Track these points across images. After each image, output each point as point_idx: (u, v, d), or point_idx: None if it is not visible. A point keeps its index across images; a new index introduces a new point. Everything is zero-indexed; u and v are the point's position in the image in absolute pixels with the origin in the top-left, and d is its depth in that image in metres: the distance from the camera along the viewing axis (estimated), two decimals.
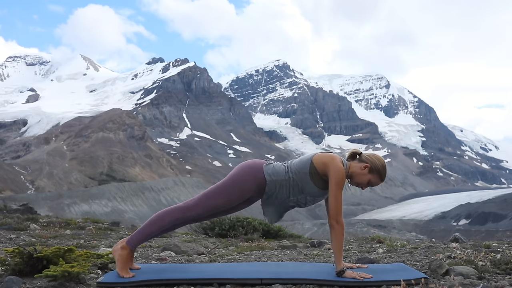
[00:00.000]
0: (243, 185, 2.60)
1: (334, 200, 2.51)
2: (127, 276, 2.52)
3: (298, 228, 69.13)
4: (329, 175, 2.54)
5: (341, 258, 2.53)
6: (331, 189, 2.52)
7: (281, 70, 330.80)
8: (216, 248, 4.98)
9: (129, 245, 2.63)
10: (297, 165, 2.62)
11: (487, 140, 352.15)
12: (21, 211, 10.89)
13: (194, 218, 2.68)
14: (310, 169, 2.58)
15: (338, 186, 2.52)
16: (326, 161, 2.55)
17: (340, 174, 2.53)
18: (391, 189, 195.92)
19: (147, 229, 2.65)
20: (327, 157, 2.57)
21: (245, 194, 2.63)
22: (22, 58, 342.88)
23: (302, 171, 2.59)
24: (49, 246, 3.44)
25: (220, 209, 2.65)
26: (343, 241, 2.56)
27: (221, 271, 2.70)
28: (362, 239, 6.36)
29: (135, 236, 2.65)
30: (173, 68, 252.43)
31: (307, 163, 2.60)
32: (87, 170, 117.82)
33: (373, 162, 2.62)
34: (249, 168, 2.65)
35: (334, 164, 2.53)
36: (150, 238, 2.80)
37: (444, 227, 78.26)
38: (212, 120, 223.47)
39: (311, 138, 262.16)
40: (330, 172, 2.53)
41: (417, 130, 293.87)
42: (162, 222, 2.65)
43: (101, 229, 7.89)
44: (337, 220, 2.52)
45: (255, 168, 2.64)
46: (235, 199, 2.62)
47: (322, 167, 2.56)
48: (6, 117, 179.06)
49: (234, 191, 2.60)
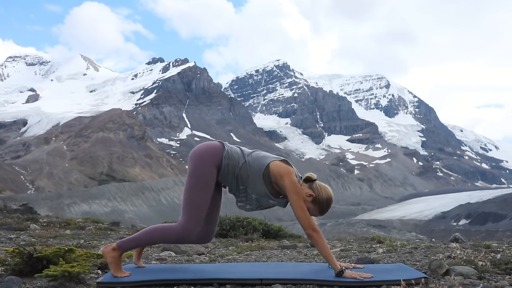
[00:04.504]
0: (206, 173, 2.60)
1: (300, 210, 2.51)
2: (122, 276, 2.53)
3: (298, 228, 69.00)
4: (285, 187, 2.54)
5: (334, 260, 2.53)
6: (293, 201, 2.53)
7: (281, 70, 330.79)
8: (216, 248, 4.98)
9: (120, 249, 2.63)
10: (253, 161, 2.62)
11: (487, 140, 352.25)
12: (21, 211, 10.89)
13: (192, 238, 2.66)
14: (264, 171, 2.58)
15: (298, 196, 2.53)
16: (283, 173, 2.55)
17: (297, 186, 2.54)
18: (391, 189, 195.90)
19: (141, 240, 2.66)
20: (285, 169, 2.56)
21: (211, 181, 2.61)
22: (22, 58, 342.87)
23: (256, 168, 2.60)
24: (49, 246, 3.44)
25: (203, 210, 2.62)
26: (327, 245, 2.56)
27: (221, 271, 2.71)
28: (362, 239, 6.37)
29: (127, 242, 2.65)
30: (173, 68, 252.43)
31: (263, 166, 2.59)
32: (87, 170, 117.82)
33: (319, 194, 2.59)
34: (205, 153, 2.63)
35: (290, 178, 2.53)
36: (141, 246, 2.81)
37: (444, 227, 78.24)
38: (212, 120, 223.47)
39: (311, 138, 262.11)
40: (286, 184, 2.53)
41: (417, 130, 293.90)
42: (155, 239, 2.66)
43: (101, 229, 7.90)
44: (312, 228, 2.52)
45: (211, 152, 2.63)
46: (207, 191, 2.61)
47: (276, 176, 2.57)
48: (6, 117, 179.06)
49: (202, 185, 2.59)
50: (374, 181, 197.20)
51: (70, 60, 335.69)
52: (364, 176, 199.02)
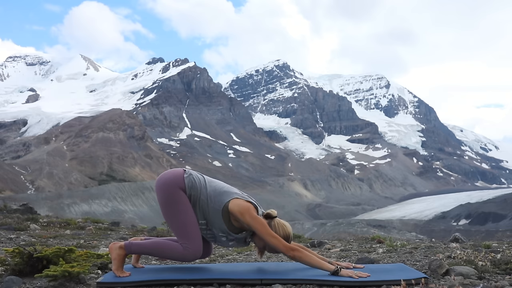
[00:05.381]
0: (177, 199, 2.63)
1: (272, 237, 2.54)
2: (122, 275, 2.56)
3: (298, 228, 69.15)
4: (249, 224, 2.57)
5: (326, 264, 2.56)
6: (262, 232, 2.55)
7: (281, 70, 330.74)
8: (216, 248, 4.97)
9: (127, 250, 2.67)
10: (215, 195, 2.65)
11: (487, 140, 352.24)
12: (21, 211, 10.88)
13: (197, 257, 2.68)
14: (223, 208, 2.61)
15: (265, 227, 2.56)
16: (242, 211, 2.57)
17: (258, 219, 2.56)
18: (391, 189, 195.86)
19: (147, 249, 2.70)
20: (244, 207, 2.59)
21: (186, 203, 2.64)
22: (22, 58, 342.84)
23: (216, 204, 2.63)
24: (49, 246, 3.44)
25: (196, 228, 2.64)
26: (310, 255, 2.59)
27: (221, 271, 2.71)
28: (362, 239, 6.37)
29: (134, 246, 2.68)
30: (173, 68, 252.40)
31: (222, 203, 2.62)
32: (87, 170, 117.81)
33: (277, 232, 2.61)
34: (168, 182, 2.67)
35: (251, 214, 2.57)
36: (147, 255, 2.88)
37: (444, 227, 78.19)
38: (212, 120, 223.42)
39: (311, 138, 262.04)
40: (248, 221, 2.56)
41: (417, 130, 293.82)
42: (160, 253, 2.70)
43: (101, 229, 7.90)
44: (291, 248, 2.55)
45: (173, 180, 2.67)
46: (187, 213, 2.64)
47: (237, 215, 2.59)
48: (6, 117, 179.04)
49: (178, 209, 2.63)
50: (374, 181, 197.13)
51: (70, 60, 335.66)
52: (364, 176, 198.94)
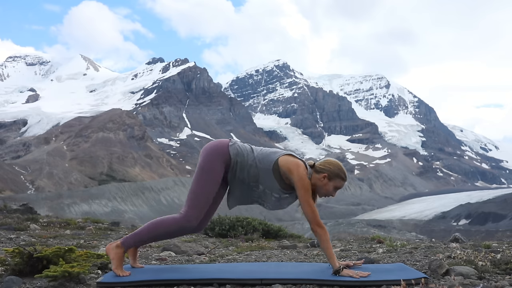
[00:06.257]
0: (213, 169, 2.65)
1: (307, 205, 2.56)
2: (122, 275, 2.55)
3: (298, 228, 69.04)
4: (294, 182, 2.59)
5: (334, 258, 2.56)
6: (301, 196, 2.57)
7: (281, 70, 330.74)
8: (216, 248, 4.98)
9: (124, 246, 2.68)
10: (263, 157, 2.67)
11: (487, 140, 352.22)
12: (21, 211, 10.87)
13: (192, 227, 2.71)
14: (273, 166, 2.63)
15: (307, 191, 2.57)
16: (291, 168, 2.59)
17: (306, 181, 2.58)
18: (391, 189, 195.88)
19: (143, 235, 2.70)
20: (293, 164, 2.61)
21: (218, 177, 2.67)
22: (22, 58, 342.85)
23: (265, 164, 2.64)
24: (49, 246, 3.43)
25: (208, 202, 2.67)
26: (330, 242, 2.60)
27: (221, 271, 2.71)
28: (362, 239, 6.36)
29: (130, 238, 2.69)
30: (173, 68, 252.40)
31: (271, 161, 2.64)
32: (87, 170, 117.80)
33: (329, 170, 2.64)
34: (213, 150, 2.69)
35: (299, 172, 2.58)
36: (144, 244, 2.85)
37: (444, 227, 78.19)
38: (212, 120, 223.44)
39: (311, 138, 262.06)
40: (295, 179, 2.58)
41: (417, 130, 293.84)
42: (157, 232, 2.70)
43: (101, 229, 7.89)
44: (318, 223, 2.57)
45: (219, 149, 2.68)
46: (213, 185, 2.67)
47: (285, 171, 2.61)
48: (6, 117, 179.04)
49: (209, 179, 2.65)
50: (374, 181, 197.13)
51: (70, 60, 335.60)
52: (364, 176, 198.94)
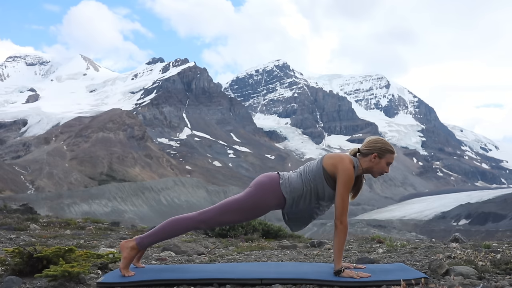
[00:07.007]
0: (264, 205, 2.65)
1: (341, 200, 2.55)
2: (127, 275, 2.56)
3: None
4: (337, 175, 2.57)
5: (341, 258, 2.55)
6: (339, 190, 2.56)
7: (281, 70, 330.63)
8: (216, 248, 4.98)
9: (139, 247, 2.68)
10: (312, 173, 2.64)
11: (487, 140, 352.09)
12: (21, 211, 10.87)
13: (205, 228, 2.78)
14: (324, 173, 2.60)
15: (346, 187, 2.56)
16: (335, 162, 2.59)
17: (349, 175, 2.56)
18: (391, 189, 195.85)
19: (159, 235, 2.69)
20: (336, 158, 2.61)
21: (264, 211, 2.69)
22: (22, 58, 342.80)
23: (317, 178, 2.62)
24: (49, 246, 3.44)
25: (235, 223, 2.77)
26: (345, 242, 2.59)
27: (221, 271, 2.71)
28: (362, 239, 6.36)
29: (146, 239, 2.68)
30: (173, 68, 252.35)
31: (319, 169, 2.62)
32: (87, 170, 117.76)
33: (376, 148, 2.67)
34: (267, 187, 2.66)
35: (343, 165, 2.57)
36: (160, 242, 2.86)
37: (444, 227, 78.20)
38: (212, 120, 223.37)
39: (311, 138, 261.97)
40: (339, 173, 2.56)
41: (417, 130, 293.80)
42: (174, 230, 2.69)
43: (101, 229, 7.89)
44: (341, 220, 2.56)
45: (272, 187, 2.65)
46: (253, 216, 2.70)
47: (332, 169, 2.59)
48: (6, 117, 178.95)
49: (254, 211, 2.66)
50: (374, 181, 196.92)
51: (70, 60, 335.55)
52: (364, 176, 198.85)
